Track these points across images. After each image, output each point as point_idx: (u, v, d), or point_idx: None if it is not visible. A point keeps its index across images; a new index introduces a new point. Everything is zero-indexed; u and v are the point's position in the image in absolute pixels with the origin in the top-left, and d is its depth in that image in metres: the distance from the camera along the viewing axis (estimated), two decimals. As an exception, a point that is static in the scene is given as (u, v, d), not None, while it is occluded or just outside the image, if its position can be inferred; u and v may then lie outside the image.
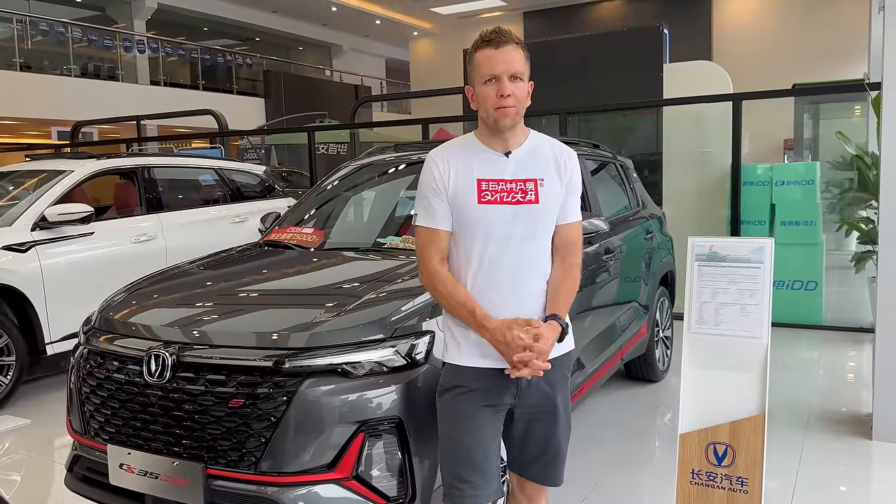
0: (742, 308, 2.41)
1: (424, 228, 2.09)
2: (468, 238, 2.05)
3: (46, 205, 5.31)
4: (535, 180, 2.06)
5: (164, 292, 3.01)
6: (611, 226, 4.29)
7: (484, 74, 2.01)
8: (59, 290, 5.18)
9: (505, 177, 2.06)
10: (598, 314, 3.88)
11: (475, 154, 2.08)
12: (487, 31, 2.05)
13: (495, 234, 2.03)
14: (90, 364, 2.70)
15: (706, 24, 18.93)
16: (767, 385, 2.36)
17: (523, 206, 2.04)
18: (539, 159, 2.10)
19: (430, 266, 2.08)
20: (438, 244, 2.08)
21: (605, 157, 4.93)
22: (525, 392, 2.09)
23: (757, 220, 6.92)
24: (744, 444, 2.36)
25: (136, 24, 18.70)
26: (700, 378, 2.45)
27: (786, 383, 4.97)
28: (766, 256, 2.40)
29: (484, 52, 2.02)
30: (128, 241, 5.82)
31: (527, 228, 2.05)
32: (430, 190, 2.07)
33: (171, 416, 2.44)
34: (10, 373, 4.94)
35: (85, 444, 2.71)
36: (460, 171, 2.06)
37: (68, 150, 11.40)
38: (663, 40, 7.65)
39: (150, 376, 2.47)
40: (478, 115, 2.10)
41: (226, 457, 2.35)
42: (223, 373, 2.39)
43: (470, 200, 2.04)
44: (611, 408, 4.58)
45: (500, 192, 2.04)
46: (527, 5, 20.61)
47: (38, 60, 15.82)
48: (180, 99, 16.04)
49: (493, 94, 2.00)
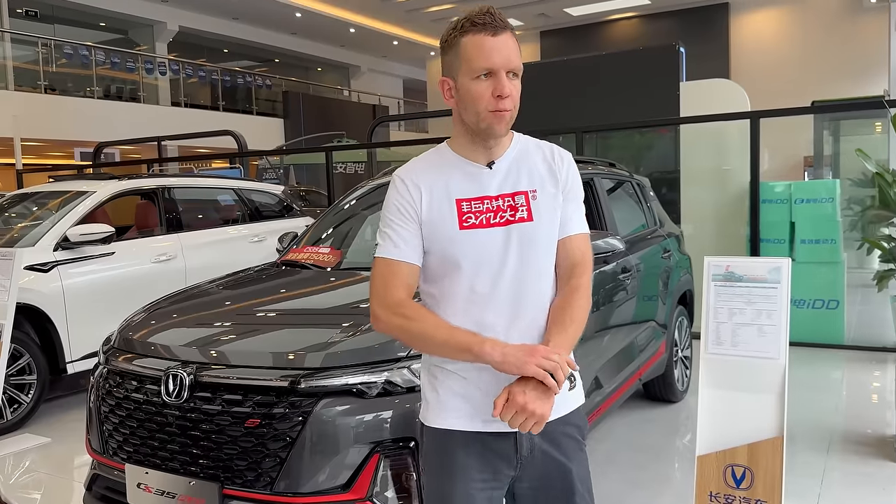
0: (759, 329, 2.39)
1: (386, 261, 1.67)
2: (449, 274, 1.66)
3: (68, 225, 5.39)
4: (526, 193, 1.69)
5: (182, 312, 3.05)
6: (627, 244, 4.28)
7: (476, 67, 1.59)
8: (80, 310, 5.25)
9: (489, 193, 1.67)
10: (614, 333, 3.86)
11: (451, 169, 1.69)
12: (478, 10, 1.62)
13: (485, 265, 1.65)
14: (109, 384, 2.73)
15: (724, 41, 18.93)
16: (786, 406, 2.33)
17: (515, 225, 1.66)
18: (528, 167, 1.72)
19: (394, 296, 1.64)
20: (404, 279, 1.66)
21: (621, 176, 4.93)
22: (528, 461, 1.68)
23: (776, 238, 6.86)
24: (762, 466, 2.33)
25: (157, 47, 19.03)
26: (717, 399, 2.43)
27: (807, 404, 4.89)
28: (783, 276, 2.38)
29: (476, 39, 1.59)
30: (148, 260, 5.89)
31: (522, 253, 1.66)
32: (396, 215, 1.68)
33: (187, 436, 2.46)
34: (32, 391, 4.99)
35: (103, 464, 2.73)
36: (434, 193, 1.67)
37: (90, 170, 11.59)
38: (679, 58, 7.66)
39: (168, 396, 2.49)
40: (454, 117, 1.70)
41: (242, 477, 2.36)
42: (240, 392, 2.40)
43: (450, 227, 1.65)
44: (629, 428, 4.53)
45: (485, 213, 1.66)
46: (543, 24, 20.74)
47: (63, 83, 16.12)
48: (201, 120, 16.26)
49: (488, 92, 1.60)
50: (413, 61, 25.25)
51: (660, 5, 19.13)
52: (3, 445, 4.63)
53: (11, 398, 4.90)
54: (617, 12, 19.88)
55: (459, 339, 1.57)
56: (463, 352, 1.56)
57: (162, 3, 18.47)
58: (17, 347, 4.88)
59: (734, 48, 18.92)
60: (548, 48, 20.88)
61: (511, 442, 1.66)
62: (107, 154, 12.97)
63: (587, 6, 19.17)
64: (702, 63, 15.92)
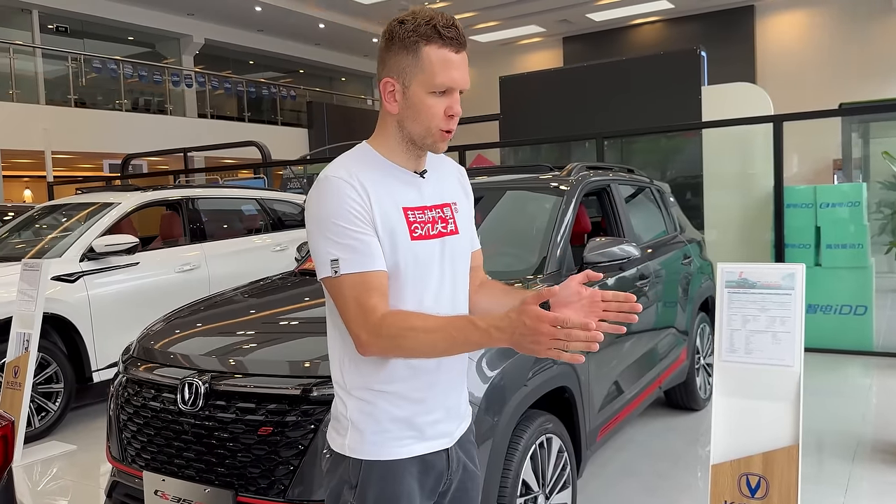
0: (773, 336, 2.36)
1: (358, 276, 1.48)
2: (398, 288, 1.54)
3: (94, 236, 5.50)
4: (450, 205, 1.65)
5: (199, 322, 3.09)
6: (646, 251, 4.26)
7: (438, 83, 1.51)
8: (105, 319, 5.34)
9: (426, 203, 1.60)
10: (632, 341, 3.83)
11: (389, 174, 1.57)
12: (444, 20, 1.51)
13: (428, 278, 1.57)
14: (128, 392, 2.78)
15: (749, 45, 18.75)
16: (801, 414, 2.30)
17: (447, 238, 1.61)
18: (445, 178, 1.69)
19: (375, 314, 1.47)
20: (380, 289, 1.49)
21: (641, 182, 4.90)
22: (454, 475, 1.68)
23: (802, 243, 6.76)
24: (777, 475, 2.30)
25: (184, 60, 19.35)
26: (732, 407, 2.40)
27: (834, 412, 4.81)
28: (797, 283, 2.35)
29: (442, 53, 1.51)
30: (172, 270, 5.98)
31: (454, 266, 1.62)
32: (352, 222, 1.48)
33: (203, 444, 2.49)
34: (59, 399, 5.09)
35: (122, 471, 2.78)
36: (382, 199, 1.53)
37: (118, 182, 11.81)
38: (701, 63, 7.62)
39: (184, 404, 2.53)
40: (388, 120, 1.58)
41: (255, 484, 2.38)
42: (253, 401, 2.43)
43: (402, 237, 1.53)
44: (650, 436, 4.49)
45: (426, 224, 1.58)
46: (566, 30, 20.73)
47: (92, 97, 16.46)
48: (227, 131, 16.49)
49: (442, 109, 1.53)
50: (436, 69, 25.33)
51: (683, 9, 19.00)
52: (31, 452, 4.72)
53: (39, 406, 4.99)
54: (640, 17, 19.79)
55: (461, 338, 1.42)
56: (471, 348, 1.47)
57: (188, 17, 18.79)
58: (44, 356, 4.99)
59: (760, 51, 18.73)
60: (571, 54, 20.85)
61: (444, 458, 1.64)
62: (135, 165, 13.19)
63: (610, 11, 19.11)
64: (727, 67, 15.79)
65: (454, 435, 1.68)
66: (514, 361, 2.66)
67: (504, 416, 2.55)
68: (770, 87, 16.97)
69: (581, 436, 3.11)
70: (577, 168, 3.99)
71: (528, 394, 2.69)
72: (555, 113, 8.61)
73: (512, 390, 2.61)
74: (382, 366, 1.57)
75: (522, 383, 2.68)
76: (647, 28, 20.32)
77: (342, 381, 1.62)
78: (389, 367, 1.57)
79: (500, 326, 1.37)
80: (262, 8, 18.14)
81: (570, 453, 2.99)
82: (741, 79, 11.21)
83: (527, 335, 1.33)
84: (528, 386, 2.70)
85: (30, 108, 14.29)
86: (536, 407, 2.84)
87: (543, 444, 2.79)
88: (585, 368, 3.17)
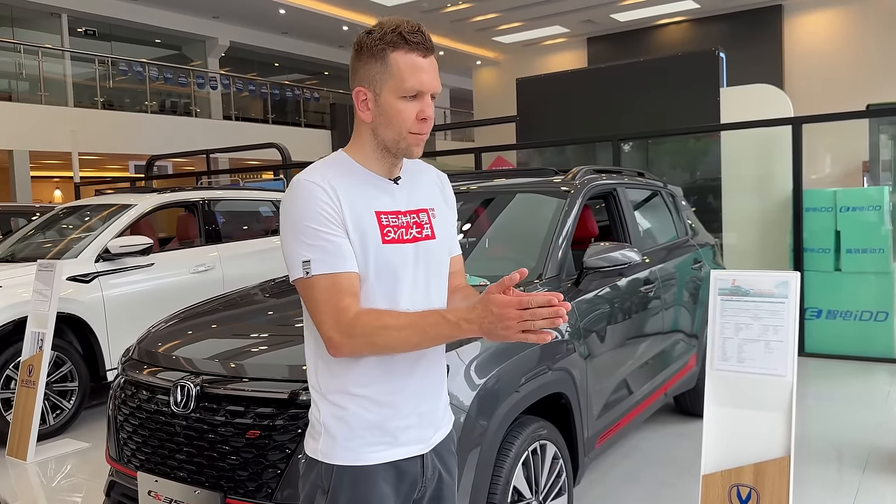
0: (766, 344, 2.32)
1: (328, 277, 1.51)
2: (369, 290, 1.56)
3: (109, 237, 5.58)
4: (427, 210, 1.68)
5: (198, 325, 3.12)
6: (654, 255, 4.21)
7: (408, 88, 1.54)
8: (119, 319, 5.42)
9: (400, 208, 1.63)
10: (634, 346, 3.79)
11: (362, 180, 1.60)
12: (409, 27, 1.56)
13: (401, 281, 1.59)
14: (125, 393, 2.82)
15: (777, 44, 18.43)
16: (794, 426, 2.25)
17: (422, 242, 1.64)
18: (424, 184, 1.72)
19: (347, 313, 1.50)
20: (351, 289, 1.52)
21: (651, 186, 4.85)
22: (429, 483, 1.68)
23: (821, 247, 6.64)
24: (768, 487, 2.26)
25: (209, 62, 19.60)
26: (724, 417, 2.37)
27: (849, 420, 4.72)
28: (791, 291, 2.31)
29: (409, 58, 1.55)
30: (187, 271, 6.05)
31: (430, 270, 1.65)
32: (323, 223, 1.51)
33: (194, 446, 2.51)
34: (73, 398, 5.18)
35: (119, 471, 2.82)
36: (354, 202, 1.56)
37: (143, 183, 12.00)
38: (719, 64, 7.52)
39: (177, 406, 2.56)
40: (363, 129, 1.62)
41: (244, 487, 2.40)
42: (243, 404, 2.45)
43: (372, 240, 1.56)
44: (657, 443, 4.44)
45: (399, 228, 1.60)
46: (591, 31, 20.57)
47: (119, 99, 16.75)
48: (251, 132, 16.66)
49: (413, 114, 1.56)
50: (459, 71, 25.33)
51: (710, 9, 18.75)
52: (46, 449, 4.81)
53: (54, 404, 5.09)
54: (665, 17, 19.56)
55: (432, 332, 1.47)
56: (443, 341, 1.53)
57: (213, 20, 19.01)
58: (59, 355, 5.08)
59: (788, 51, 18.40)
60: (595, 55, 20.69)
61: (418, 465, 1.65)
62: (160, 167, 13.39)
63: (634, 11, 18.92)
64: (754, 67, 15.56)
65: (430, 441, 1.68)
66: (505, 367, 2.64)
67: (494, 421, 2.53)
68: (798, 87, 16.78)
69: (578, 443, 3.09)
70: (582, 171, 3.96)
71: (519, 400, 2.67)
72: (572, 115, 8.56)
73: (502, 396, 2.60)
74: (354, 368, 1.58)
75: (514, 389, 2.66)
76: (673, 28, 20.07)
77: (317, 384, 1.64)
78: (361, 370, 1.58)
79: (468, 318, 1.42)
80: (286, 10, 18.29)
81: (566, 460, 2.96)
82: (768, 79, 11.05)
83: (496, 322, 1.38)
84: (520, 392, 2.69)
85: (58, 111, 14.57)
86: (531, 413, 2.83)
87: (537, 450, 2.77)
88: (583, 374, 3.14)
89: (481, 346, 2.63)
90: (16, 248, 6.04)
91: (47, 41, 16.27)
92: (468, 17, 18.98)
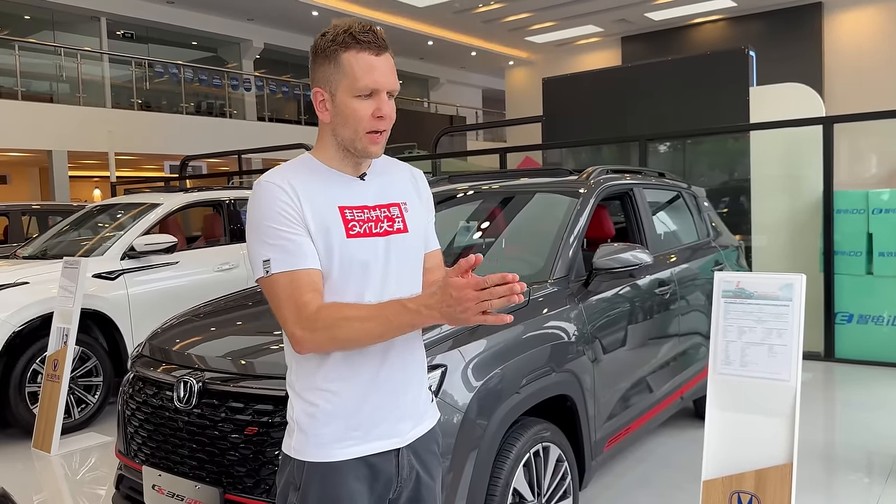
0: (770, 348, 2.26)
1: (287, 274, 1.53)
2: (336, 283, 1.58)
3: (135, 235, 5.69)
4: (399, 205, 1.69)
5: (206, 323, 3.16)
6: (670, 257, 4.15)
7: (361, 87, 1.56)
8: (143, 316, 5.52)
9: (368, 203, 1.65)
10: (647, 350, 3.73)
11: (325, 177, 1.62)
12: (360, 26, 1.58)
13: (370, 275, 1.60)
14: (133, 389, 2.87)
15: (817, 43, 18.00)
16: (797, 432, 2.19)
17: (393, 236, 1.65)
18: (396, 180, 1.74)
19: (308, 308, 1.52)
20: (312, 286, 1.54)
21: (672, 186, 4.78)
22: (405, 483, 1.67)
23: (853, 250, 6.47)
24: (770, 494, 2.20)
25: (244, 64, 19.87)
26: (725, 422, 2.32)
27: (877, 427, 4.58)
28: (796, 293, 2.25)
29: (361, 57, 1.57)
30: (211, 269, 6.14)
31: (401, 263, 1.66)
32: (282, 221, 1.54)
33: (195, 441, 2.54)
34: (98, 392, 5.29)
35: (127, 465, 2.86)
36: (315, 199, 1.57)
37: (177, 182, 12.22)
38: (749, 63, 7.37)
39: (179, 402, 2.59)
40: (324, 130, 1.66)
41: (242, 483, 2.42)
42: (242, 401, 2.47)
43: (336, 235, 1.57)
44: (673, 448, 4.37)
45: (367, 222, 1.62)
46: (625, 30, 20.35)
47: (156, 100, 17.08)
48: (284, 133, 16.84)
49: (369, 112, 1.58)
50: (491, 71, 25.30)
51: (747, 7, 18.41)
52: (70, 442, 4.92)
53: (79, 398, 5.20)
54: (701, 16, 19.26)
55: (395, 322, 1.48)
56: (407, 330, 1.52)
57: (248, 22, 19.27)
58: (85, 351, 5.19)
59: (828, 49, 17.97)
60: (629, 54, 20.46)
61: (393, 463, 1.64)
62: (194, 167, 13.61)
63: (669, 10, 18.66)
64: (792, 66, 15.24)
65: (405, 436, 1.67)
66: (505, 368, 2.62)
67: (492, 423, 2.51)
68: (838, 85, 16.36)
69: (584, 446, 3.05)
70: (596, 171, 3.91)
71: (520, 402, 2.65)
72: (599, 115, 8.47)
73: (502, 398, 2.58)
74: (324, 365, 1.59)
75: (514, 391, 2.64)
76: (709, 27, 19.75)
77: (292, 382, 1.67)
78: (330, 366, 1.59)
79: (428, 304, 1.43)
80: (318, 12, 18.45)
81: (571, 463, 2.93)
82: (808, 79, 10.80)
83: (454, 305, 1.39)
84: (521, 394, 2.66)
85: (96, 112, 14.91)
86: (534, 415, 2.80)
87: (539, 452, 2.74)
88: (590, 377, 3.10)
89: (486, 343, 2.62)
90: (48, 245, 6.20)
91: (86, 44, 16.68)
92: (500, 17, 18.93)
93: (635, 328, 3.59)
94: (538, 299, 3.00)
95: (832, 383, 5.89)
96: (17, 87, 14.28)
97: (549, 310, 3.01)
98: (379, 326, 1.49)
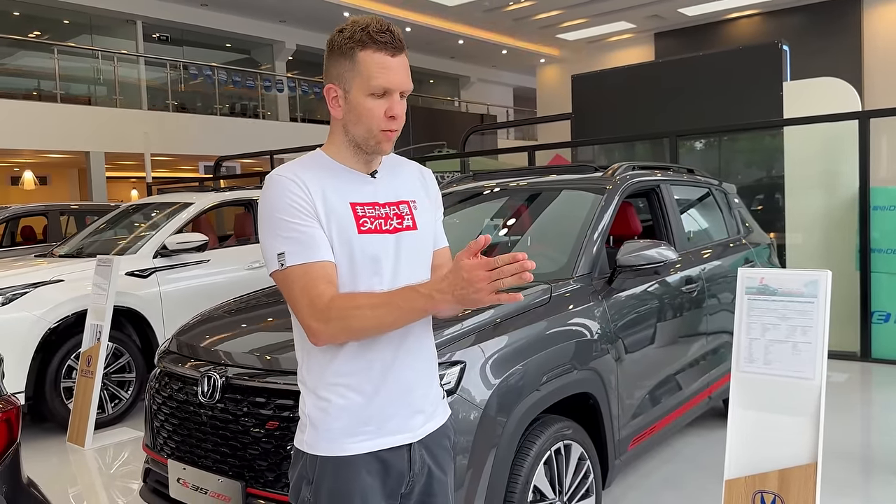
0: (794, 346, 2.22)
1: (301, 267, 1.53)
2: (346, 280, 1.58)
3: (167, 234, 5.79)
4: (409, 202, 1.70)
5: (231, 319, 3.20)
6: (699, 254, 4.09)
7: (375, 86, 1.57)
8: (175, 313, 5.61)
9: (378, 200, 1.65)
10: (675, 347, 3.68)
11: (337, 174, 1.63)
12: (377, 25, 1.58)
13: (380, 271, 1.60)
14: (159, 384, 2.92)
15: (856, 38, 17.58)
16: (821, 431, 2.15)
17: (403, 233, 1.65)
18: (404, 178, 1.74)
19: (322, 300, 1.52)
20: (326, 277, 1.54)
21: (701, 182, 4.71)
22: (417, 478, 1.67)
23: (890, 248, 6.31)
24: (794, 494, 2.16)
25: (277, 65, 20.07)
26: (748, 420, 2.28)
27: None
28: (821, 290, 2.20)
29: (377, 57, 1.57)
30: (241, 267, 6.22)
31: (411, 260, 1.66)
32: (295, 214, 1.54)
33: (218, 436, 2.58)
34: (131, 388, 5.39)
35: (153, 458, 2.92)
36: (327, 194, 1.58)
37: (210, 182, 12.41)
38: (783, 57, 7.23)
39: (203, 396, 2.63)
40: (336, 126, 1.66)
41: (264, 477, 2.45)
42: (263, 395, 2.50)
43: (349, 230, 1.58)
44: (701, 449, 4.30)
45: (378, 219, 1.62)
46: (658, 26, 20.11)
47: (191, 101, 17.35)
48: (317, 134, 16.99)
49: (382, 111, 1.58)
50: (522, 69, 25.19)
51: (783, 1, 18.07)
52: (103, 437, 5.02)
53: (113, 394, 5.31)
54: (736, 10, 18.94)
55: (406, 307, 1.48)
56: (419, 316, 1.53)
57: (280, 24, 19.47)
58: (117, 347, 5.30)
59: (867, 43, 17.52)
60: (663, 50, 20.20)
61: (405, 458, 1.64)
62: (228, 167, 13.81)
63: (703, 5, 18.38)
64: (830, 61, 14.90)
65: (417, 431, 1.67)
66: (525, 365, 2.61)
67: (512, 420, 2.50)
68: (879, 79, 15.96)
69: (608, 444, 3.02)
70: (622, 168, 3.87)
71: (540, 399, 2.63)
72: (629, 111, 8.39)
73: (522, 395, 2.57)
74: (336, 359, 1.60)
75: (534, 388, 2.62)
76: (744, 22, 19.41)
77: (304, 378, 1.68)
78: (342, 359, 1.60)
79: (440, 288, 1.43)
80: (349, 13, 18.57)
81: (593, 461, 2.91)
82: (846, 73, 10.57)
83: (467, 287, 1.39)
84: (541, 391, 2.65)
85: (132, 114, 15.20)
86: (556, 412, 2.79)
87: (561, 450, 2.73)
88: (614, 375, 3.08)
89: (507, 339, 2.61)
90: (83, 243, 6.34)
91: (123, 47, 17.01)
92: (531, 14, 18.83)
93: (661, 326, 3.54)
94: (561, 296, 2.98)
95: (868, 384, 5.75)
96: (56, 90, 14.63)
97: (572, 307, 3.00)
98: (391, 313, 1.50)
